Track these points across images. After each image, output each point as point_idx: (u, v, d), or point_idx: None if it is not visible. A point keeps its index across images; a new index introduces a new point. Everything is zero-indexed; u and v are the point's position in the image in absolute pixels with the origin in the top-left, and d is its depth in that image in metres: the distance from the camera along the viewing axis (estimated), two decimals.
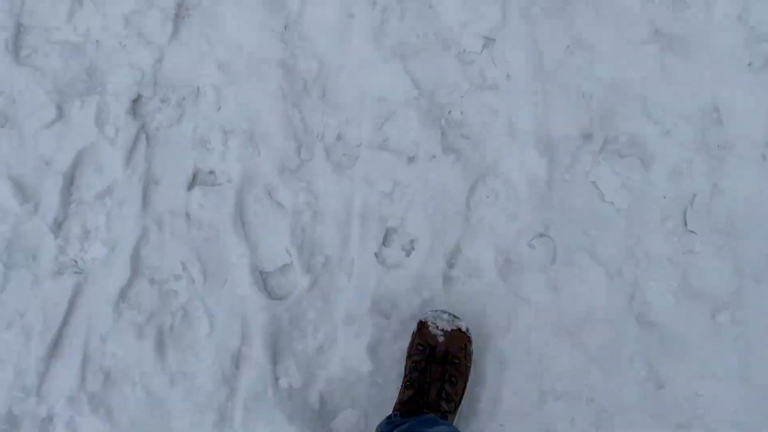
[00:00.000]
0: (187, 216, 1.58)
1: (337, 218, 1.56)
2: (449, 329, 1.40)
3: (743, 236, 1.51)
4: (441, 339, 1.39)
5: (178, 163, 1.62)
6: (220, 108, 1.66)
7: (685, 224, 1.54)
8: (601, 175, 1.58)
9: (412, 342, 1.44)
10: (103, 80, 1.68)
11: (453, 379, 1.36)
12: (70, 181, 1.60)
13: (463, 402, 1.41)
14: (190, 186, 1.61)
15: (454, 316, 1.43)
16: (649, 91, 1.63)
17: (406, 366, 1.42)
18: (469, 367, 1.42)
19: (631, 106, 1.62)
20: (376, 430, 1.32)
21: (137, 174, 1.60)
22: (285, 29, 1.72)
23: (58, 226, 1.57)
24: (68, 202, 1.60)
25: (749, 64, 1.63)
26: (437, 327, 1.40)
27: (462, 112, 1.66)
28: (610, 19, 1.69)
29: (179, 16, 1.73)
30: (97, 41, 1.71)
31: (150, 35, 1.70)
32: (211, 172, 1.63)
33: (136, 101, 1.66)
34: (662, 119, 1.61)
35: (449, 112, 1.66)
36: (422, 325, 1.42)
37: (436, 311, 1.44)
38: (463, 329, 1.41)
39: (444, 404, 1.33)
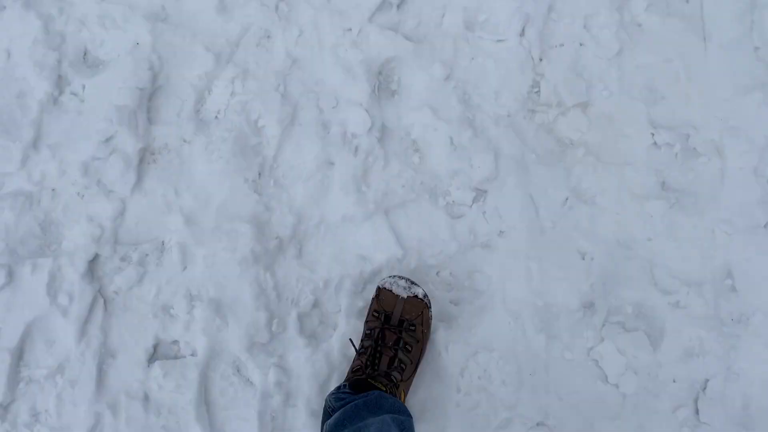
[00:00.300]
0: (146, 398, 1.42)
1: (310, 403, 1.41)
2: (406, 295, 1.37)
3: (760, 428, 1.37)
4: (397, 305, 1.36)
5: (138, 334, 1.47)
6: (185, 268, 1.52)
7: (697, 413, 1.38)
8: (604, 353, 1.43)
9: (369, 309, 1.41)
10: (59, 236, 1.54)
11: (408, 346, 1.34)
12: (18, 357, 1.45)
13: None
14: (151, 359, 1.46)
15: (412, 282, 1.39)
16: (655, 254, 1.49)
17: (363, 333, 1.39)
18: (427, 333, 1.40)
19: (637, 270, 1.48)
20: (325, 400, 1.28)
21: (92, 348, 1.45)
22: (259, 176, 1.58)
23: (4, 409, 1.42)
24: (16, 381, 1.45)
25: (765, 225, 1.49)
26: (393, 293, 1.37)
27: (451, 273, 1.51)
28: (613, 168, 1.55)
29: (144, 161, 1.59)
30: (53, 190, 1.57)
31: (111, 184, 1.56)
32: (174, 342, 1.48)
33: (93, 261, 1.51)
34: (671, 288, 1.46)
35: (437, 273, 1.51)
36: (379, 292, 1.40)
37: (393, 277, 1.41)
38: (420, 296, 1.38)
39: (396, 374, 1.30)
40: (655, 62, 1.62)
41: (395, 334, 1.34)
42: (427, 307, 1.40)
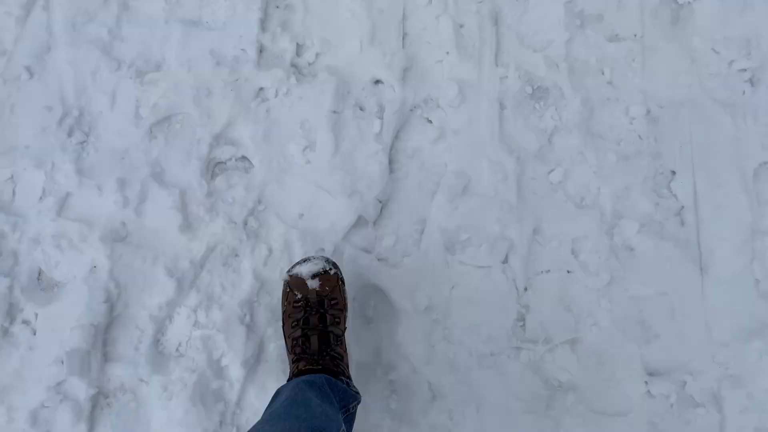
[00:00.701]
0: None
1: None
2: (316, 271, 1.38)
3: None
4: (312, 285, 1.37)
5: None
6: None
7: None
8: None
9: (285, 308, 1.41)
10: None
11: (337, 319, 1.36)
12: None
13: None
14: None
15: (309, 258, 1.42)
16: None
17: (286, 337, 1.39)
18: (347, 302, 1.43)
19: None
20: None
21: None
22: (220, 425, 1.46)
23: None
24: None
25: None
26: (301, 277, 1.38)
27: None
28: (604, 420, 1.43)
29: (97, 407, 1.47)
30: None
31: None
32: None
33: None
34: None
35: None
36: (287, 284, 1.41)
37: (292, 266, 1.42)
38: (328, 269, 1.39)
39: (337, 349, 1.33)
40: (648, 295, 1.51)
41: (318, 314, 1.35)
42: (340, 278, 1.42)
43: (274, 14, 1.76)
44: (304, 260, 1.42)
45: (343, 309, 1.40)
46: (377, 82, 1.69)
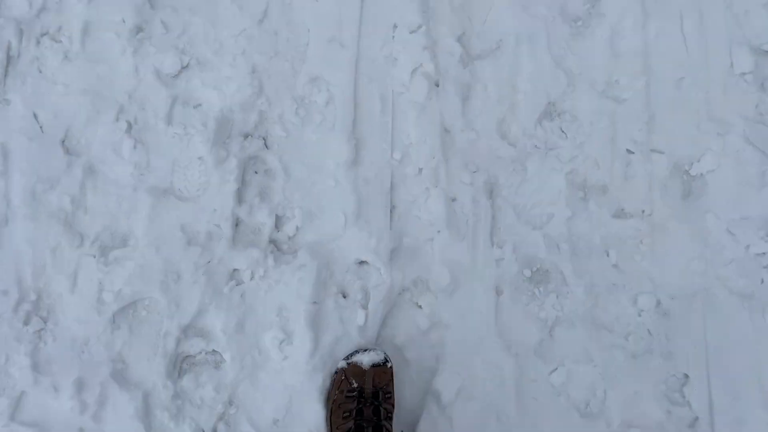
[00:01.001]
0: None
1: None
2: (377, 362, 1.37)
3: None
4: (366, 377, 1.34)
5: None
6: None
7: None
8: None
9: (334, 396, 1.37)
10: None
11: (390, 414, 1.34)
12: None
13: None
14: None
15: (366, 349, 1.39)
16: None
17: (334, 428, 1.35)
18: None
19: None
20: None
21: None
22: None
23: None
24: None
25: None
26: (361, 367, 1.36)
27: None
28: None
29: None
30: None
31: None
32: None
33: None
34: None
35: None
36: (344, 372, 1.38)
37: (348, 355, 1.40)
38: (385, 361, 1.38)
39: None
40: None
41: (371, 406, 1.32)
42: (392, 370, 1.39)
43: (252, 181, 1.63)
44: (365, 350, 1.40)
45: (394, 406, 1.37)
46: (362, 262, 1.55)
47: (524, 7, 1.72)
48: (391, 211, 1.59)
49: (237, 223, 1.58)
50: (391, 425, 1.33)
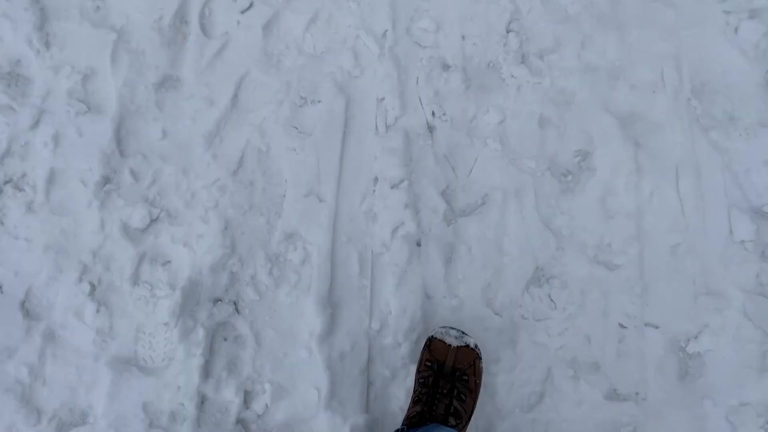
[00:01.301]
0: None
1: None
2: (457, 345, 1.39)
3: None
4: (449, 355, 1.38)
5: None
6: None
7: None
8: None
9: (420, 359, 1.42)
10: None
11: (462, 395, 1.35)
12: None
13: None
14: None
15: (463, 333, 1.42)
16: None
17: (415, 382, 1.41)
18: (479, 383, 1.40)
19: None
20: None
21: None
22: None
23: None
24: None
25: None
26: (445, 343, 1.40)
27: None
28: None
29: None
30: None
31: None
32: None
33: None
34: None
35: None
36: (431, 341, 1.42)
37: (444, 327, 1.43)
38: (471, 345, 1.40)
39: (452, 419, 1.32)
40: None
41: (449, 383, 1.36)
42: (479, 357, 1.40)
43: (221, 349, 1.53)
44: (457, 329, 1.42)
45: (473, 391, 1.38)
46: None
47: (511, 159, 1.64)
48: (367, 389, 1.50)
49: (203, 401, 1.49)
50: (462, 407, 1.34)
